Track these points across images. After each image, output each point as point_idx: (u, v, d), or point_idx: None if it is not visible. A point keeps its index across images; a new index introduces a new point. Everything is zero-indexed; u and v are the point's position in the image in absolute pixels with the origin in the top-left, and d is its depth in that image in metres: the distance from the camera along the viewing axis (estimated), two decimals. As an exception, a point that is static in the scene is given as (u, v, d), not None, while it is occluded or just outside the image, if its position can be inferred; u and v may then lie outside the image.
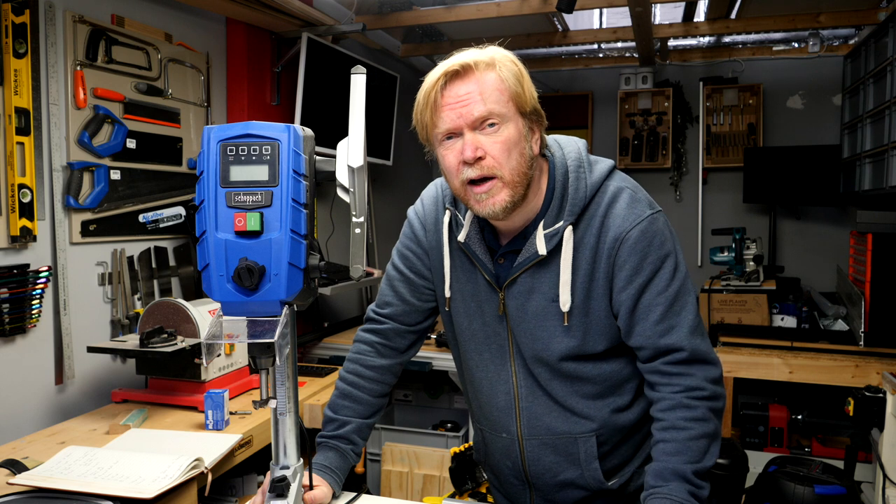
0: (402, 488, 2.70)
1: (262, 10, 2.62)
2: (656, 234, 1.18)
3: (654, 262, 1.17)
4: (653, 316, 1.17)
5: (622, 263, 1.17)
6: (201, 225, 1.01)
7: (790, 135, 4.26)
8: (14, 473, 1.41)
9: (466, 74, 1.12)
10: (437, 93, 1.13)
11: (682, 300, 1.18)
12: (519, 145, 1.13)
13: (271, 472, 1.14)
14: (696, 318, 1.20)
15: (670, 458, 1.14)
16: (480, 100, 1.11)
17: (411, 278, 1.37)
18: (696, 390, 1.16)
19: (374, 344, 1.40)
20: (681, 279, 1.19)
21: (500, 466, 1.37)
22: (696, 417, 1.15)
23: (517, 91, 1.13)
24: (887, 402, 2.03)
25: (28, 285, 1.90)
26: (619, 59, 4.54)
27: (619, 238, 1.17)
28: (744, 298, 3.48)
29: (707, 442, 1.15)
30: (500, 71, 1.12)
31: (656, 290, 1.17)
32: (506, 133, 1.12)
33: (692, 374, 1.17)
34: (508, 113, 1.12)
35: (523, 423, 1.29)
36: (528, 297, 1.22)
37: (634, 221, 1.17)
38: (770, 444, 3.26)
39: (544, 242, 1.18)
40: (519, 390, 1.28)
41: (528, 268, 1.21)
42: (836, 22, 3.49)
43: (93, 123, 2.11)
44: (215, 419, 1.78)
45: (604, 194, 1.20)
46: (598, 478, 1.26)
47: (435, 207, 1.35)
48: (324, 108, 3.02)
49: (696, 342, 1.18)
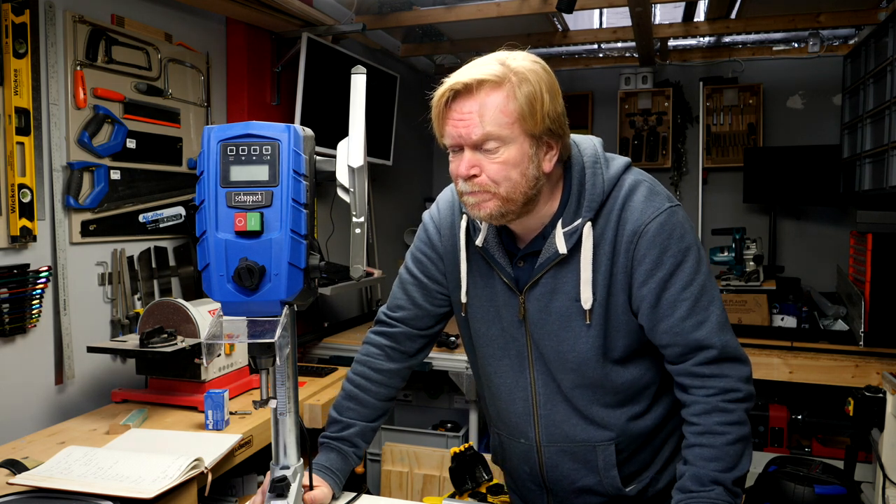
0: (402, 488, 2.70)
1: (262, 10, 2.61)
2: (676, 226, 1.15)
3: (674, 255, 1.14)
4: (679, 312, 1.14)
5: (641, 257, 1.15)
6: (201, 225, 1.01)
7: (790, 135, 4.26)
8: (14, 473, 1.41)
9: (469, 94, 1.09)
10: (442, 107, 1.12)
11: (709, 294, 1.16)
12: (520, 166, 1.10)
13: (271, 472, 1.14)
14: (723, 313, 1.17)
15: (708, 463, 1.13)
16: (479, 122, 1.08)
17: (425, 283, 1.36)
18: (732, 392, 1.14)
19: (384, 347, 1.39)
20: (705, 273, 1.16)
21: (517, 470, 1.37)
22: (732, 422, 1.13)
23: (525, 113, 1.08)
24: (887, 402, 2.03)
25: (28, 285, 1.90)
26: (619, 59, 4.54)
27: (638, 231, 1.15)
28: (744, 298, 3.48)
29: (742, 446, 1.14)
30: (509, 90, 1.08)
31: (680, 285, 1.14)
32: (505, 155, 1.09)
33: (726, 374, 1.15)
34: (511, 135, 1.09)
35: (542, 429, 1.28)
36: (551, 298, 1.20)
37: (653, 214, 1.15)
38: (770, 444, 3.26)
39: (564, 241, 1.16)
40: (538, 397, 1.27)
41: (549, 268, 1.19)
42: (836, 22, 3.49)
43: (93, 123, 2.10)
44: (215, 419, 1.78)
45: (621, 188, 1.18)
46: (616, 485, 1.26)
47: (451, 212, 1.33)
48: (324, 108, 3.02)
49: (726, 338, 1.15)
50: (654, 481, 1.29)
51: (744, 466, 1.14)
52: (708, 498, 1.11)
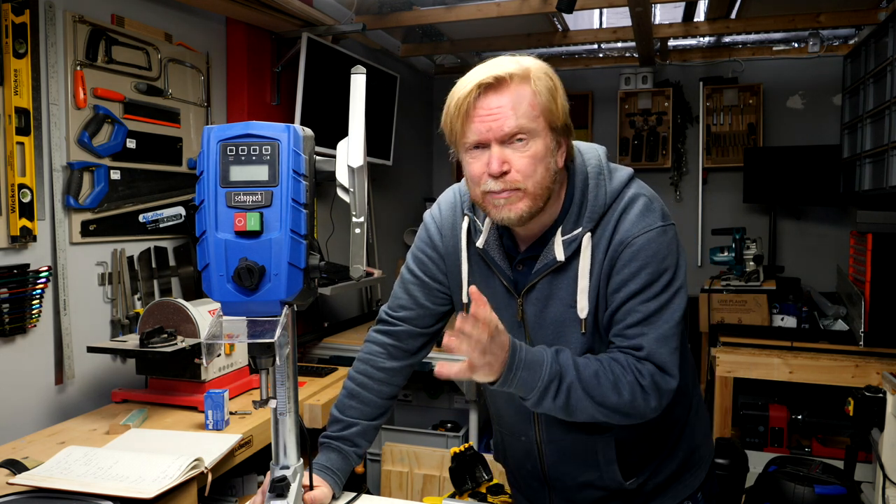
0: (402, 488, 2.70)
1: (262, 10, 2.62)
2: (661, 245, 1.15)
3: (650, 273, 1.14)
4: (630, 319, 1.14)
5: (621, 267, 1.16)
6: (201, 225, 1.01)
7: (790, 135, 4.26)
8: (14, 473, 1.41)
9: (500, 87, 1.11)
10: (470, 103, 1.11)
11: (667, 314, 1.14)
12: (545, 160, 1.13)
13: (271, 472, 1.14)
14: (673, 333, 1.14)
15: (577, 360, 1.11)
16: (512, 114, 1.10)
17: (426, 282, 1.37)
18: (634, 371, 1.11)
19: (386, 346, 1.39)
20: (671, 293, 1.15)
21: (519, 468, 1.39)
22: (620, 377, 1.10)
23: (550, 107, 1.12)
24: (887, 402, 2.03)
25: (28, 285, 1.90)
26: (619, 59, 4.54)
27: (624, 242, 1.16)
28: (744, 298, 3.48)
29: (610, 391, 1.09)
30: (534, 85, 1.11)
31: (643, 298, 1.14)
32: (533, 148, 1.11)
33: (640, 369, 1.12)
34: (538, 128, 1.11)
35: (542, 427, 1.29)
36: (546, 304, 1.21)
37: (643, 229, 1.16)
38: (770, 444, 3.26)
39: (562, 248, 1.18)
40: None
41: (545, 274, 1.20)
42: (836, 22, 3.49)
43: (93, 123, 2.11)
44: (215, 419, 1.78)
45: (620, 200, 1.19)
46: (616, 479, 1.26)
47: (452, 213, 1.34)
48: (324, 108, 3.02)
49: (661, 349, 1.13)
50: (654, 474, 1.30)
51: (580, 398, 1.09)
52: (541, 361, 1.08)
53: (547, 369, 1.08)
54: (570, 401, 1.09)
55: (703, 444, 1.40)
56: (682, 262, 1.19)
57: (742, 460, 2.49)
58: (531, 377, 1.07)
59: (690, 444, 1.34)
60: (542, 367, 1.08)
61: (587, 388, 1.09)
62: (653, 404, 1.12)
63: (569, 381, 1.09)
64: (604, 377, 1.10)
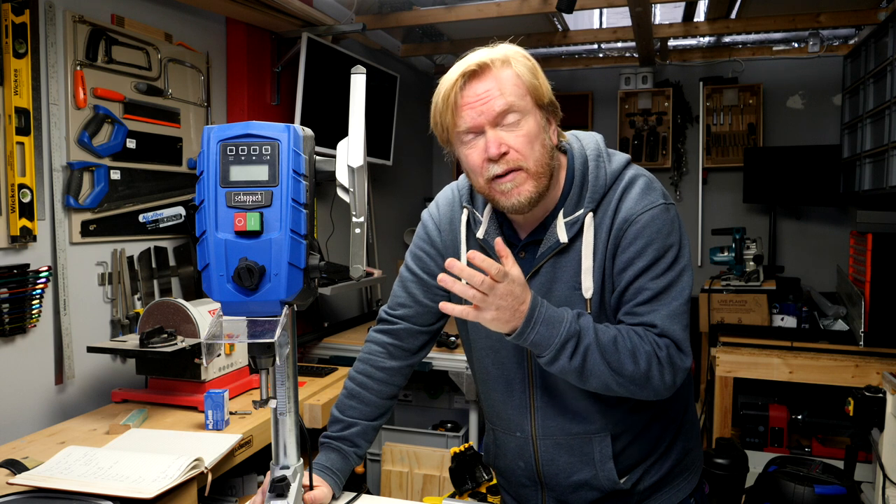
0: (402, 488, 2.70)
1: (262, 10, 2.62)
2: (665, 222, 1.17)
3: (657, 249, 1.15)
4: (640, 297, 1.16)
5: (626, 245, 1.17)
6: (201, 225, 1.01)
7: (790, 135, 4.26)
8: (14, 473, 1.41)
9: (484, 73, 1.13)
10: (457, 93, 1.14)
11: (676, 291, 1.16)
12: (540, 137, 1.15)
13: (271, 472, 1.14)
14: (684, 311, 1.16)
15: (598, 327, 1.11)
16: (500, 95, 1.12)
17: (425, 279, 1.37)
18: (653, 343, 1.12)
19: (386, 345, 1.40)
20: (678, 270, 1.17)
21: (511, 467, 1.36)
22: (638, 342, 1.11)
23: (534, 84, 1.15)
24: (887, 402, 2.03)
25: (28, 285, 1.90)
26: (619, 59, 4.54)
27: (629, 220, 1.17)
28: (744, 298, 3.48)
29: (627, 359, 1.09)
30: (515, 66, 1.14)
31: (651, 276, 1.15)
32: (526, 126, 1.13)
33: (658, 342, 1.13)
34: (527, 106, 1.14)
35: (538, 422, 1.28)
36: (551, 287, 1.22)
37: (646, 207, 1.17)
38: (770, 444, 3.26)
39: (565, 230, 1.19)
40: (534, 389, 1.28)
41: (549, 257, 1.21)
42: (836, 22, 3.49)
43: (93, 123, 2.11)
44: (215, 419, 1.78)
45: (621, 181, 1.21)
46: (612, 478, 1.26)
47: (450, 209, 1.35)
48: (324, 108, 3.02)
49: (673, 326, 1.14)
50: (648, 473, 1.30)
51: (596, 362, 1.09)
52: (561, 319, 1.09)
53: (566, 327, 1.09)
54: (585, 363, 1.10)
55: (696, 448, 1.39)
56: (685, 241, 1.20)
57: (742, 460, 2.49)
58: (549, 333, 1.08)
59: (684, 446, 1.34)
60: (562, 324, 1.09)
61: (605, 353, 1.10)
62: (667, 379, 1.13)
63: (587, 343, 1.10)
64: (622, 344, 1.11)
